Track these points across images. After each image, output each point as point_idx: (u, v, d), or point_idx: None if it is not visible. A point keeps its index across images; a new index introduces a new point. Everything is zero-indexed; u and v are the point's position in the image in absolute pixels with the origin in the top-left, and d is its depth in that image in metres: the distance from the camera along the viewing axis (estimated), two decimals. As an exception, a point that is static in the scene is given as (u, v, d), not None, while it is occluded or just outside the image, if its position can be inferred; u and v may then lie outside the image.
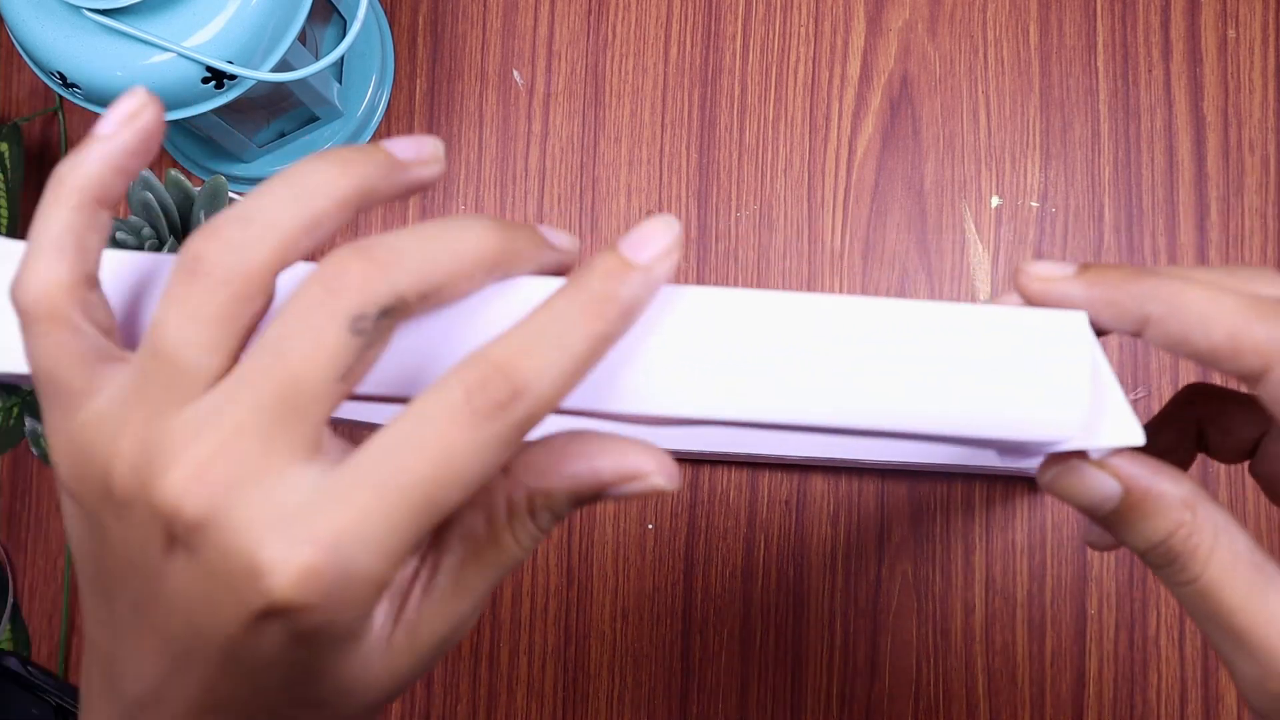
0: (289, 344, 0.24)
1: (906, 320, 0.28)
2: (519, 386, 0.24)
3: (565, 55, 0.64)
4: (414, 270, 0.25)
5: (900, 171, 0.62)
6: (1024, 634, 0.58)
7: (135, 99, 0.28)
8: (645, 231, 0.27)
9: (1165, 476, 0.28)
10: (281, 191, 0.26)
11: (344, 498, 0.24)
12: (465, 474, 0.24)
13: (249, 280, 0.25)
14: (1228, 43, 0.61)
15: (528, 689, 0.60)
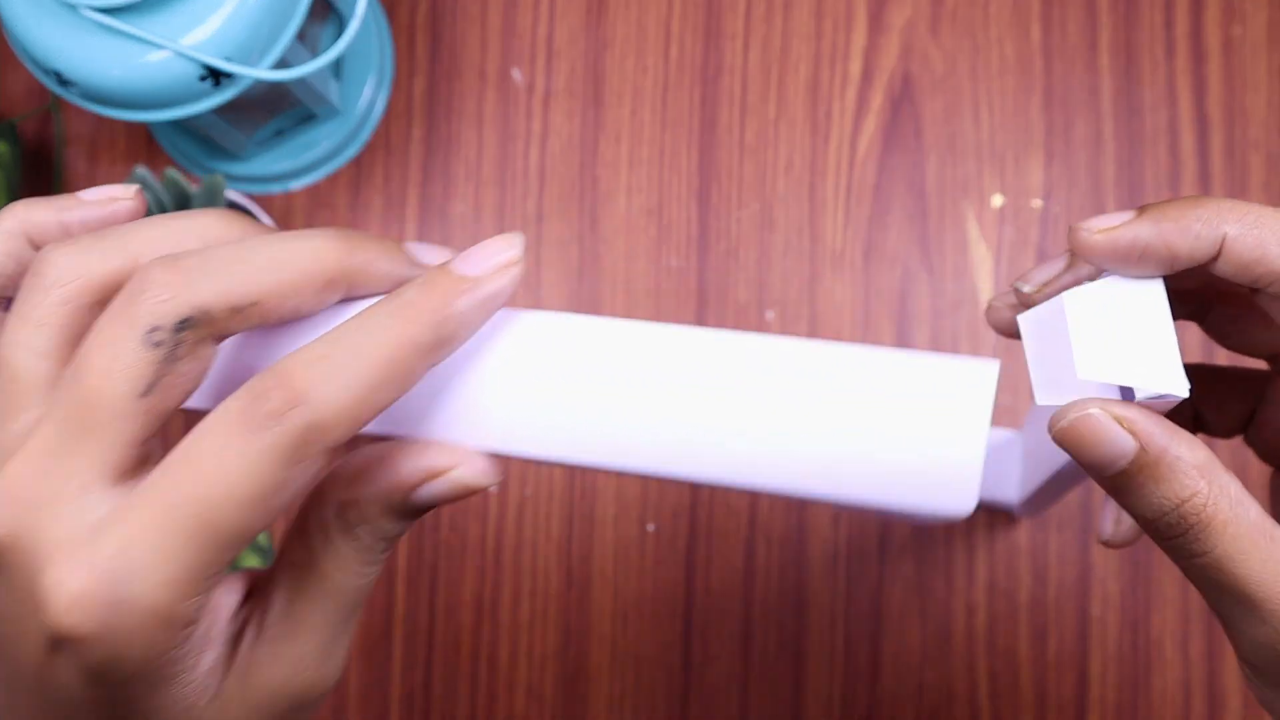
0: (89, 357, 0.23)
1: (784, 361, 0.25)
2: (298, 394, 0.23)
3: (565, 54, 0.64)
4: (223, 282, 0.24)
5: (902, 171, 0.61)
6: (1026, 636, 0.58)
7: (123, 190, 0.28)
8: (482, 246, 0.25)
9: (1182, 438, 0.26)
10: (157, 221, 0.26)
11: (121, 521, 0.23)
12: (240, 490, 0.23)
13: (85, 287, 0.25)
14: (1232, 41, 0.61)
15: (527, 691, 0.59)
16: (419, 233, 0.63)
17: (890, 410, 0.24)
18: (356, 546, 0.26)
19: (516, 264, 0.25)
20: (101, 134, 0.65)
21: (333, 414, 0.23)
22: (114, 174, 0.65)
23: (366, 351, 0.23)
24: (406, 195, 0.63)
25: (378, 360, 0.23)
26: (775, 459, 0.25)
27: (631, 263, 0.62)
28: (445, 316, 0.24)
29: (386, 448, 0.26)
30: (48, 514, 0.23)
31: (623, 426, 0.25)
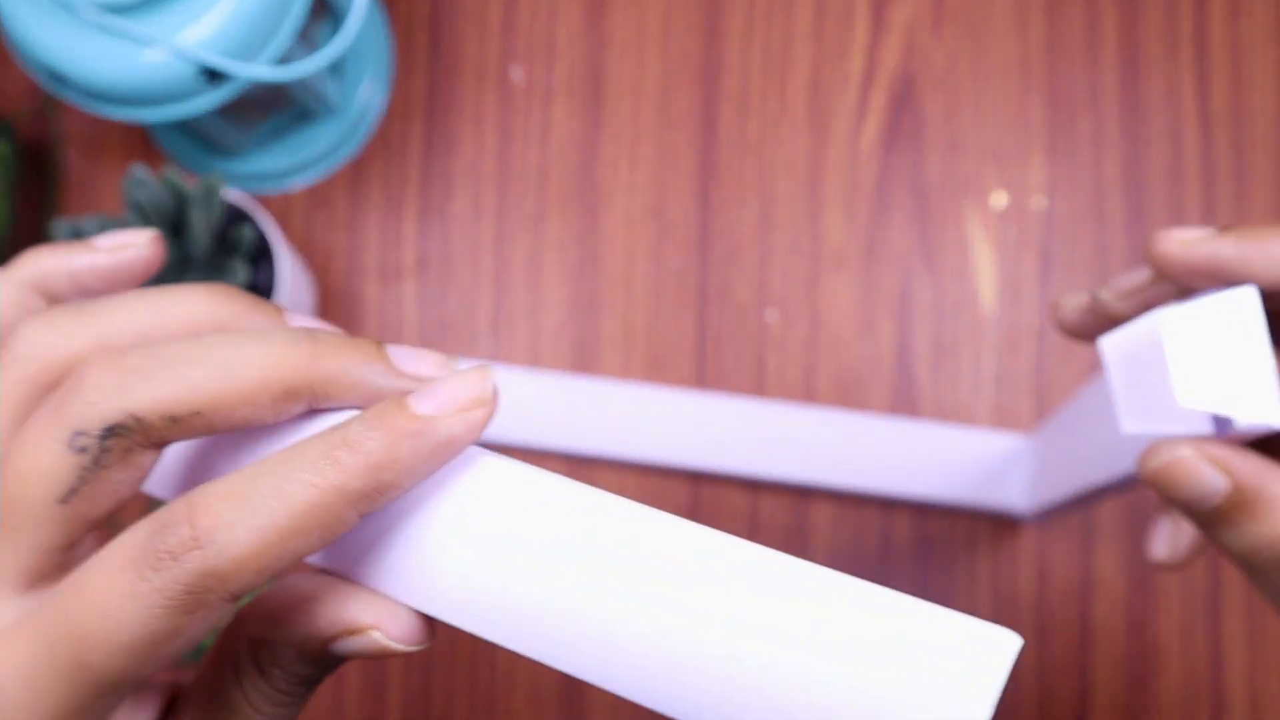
0: (10, 456, 0.22)
1: (783, 584, 0.21)
2: (200, 535, 0.20)
3: (565, 53, 0.63)
4: (162, 389, 0.22)
5: (903, 170, 0.61)
6: (1029, 637, 0.57)
7: (138, 237, 0.27)
8: (450, 381, 0.22)
9: (1277, 475, 0.26)
10: (139, 296, 0.24)
11: (4, 647, 0.21)
12: (123, 634, 0.20)
13: (47, 367, 0.23)
14: (1236, 38, 0.61)
15: (527, 690, 0.59)
16: (417, 232, 0.62)
17: (898, 669, 0.20)
18: (269, 687, 0.24)
19: (485, 405, 0.22)
20: (99, 133, 0.65)
21: (234, 561, 0.20)
22: (111, 172, 0.64)
23: (289, 493, 0.21)
24: (405, 194, 0.63)
25: (299, 505, 0.21)
26: (754, 698, 0.21)
27: (631, 263, 0.61)
28: (387, 462, 0.21)
29: (307, 586, 0.24)
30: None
31: (574, 625, 0.22)
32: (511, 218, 0.62)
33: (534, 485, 0.23)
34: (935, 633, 0.20)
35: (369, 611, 0.23)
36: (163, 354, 0.22)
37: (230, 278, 0.53)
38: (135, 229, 0.28)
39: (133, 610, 0.20)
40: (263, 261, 0.56)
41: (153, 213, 0.52)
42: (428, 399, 0.22)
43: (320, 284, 0.63)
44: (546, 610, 0.22)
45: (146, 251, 0.27)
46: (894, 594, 0.21)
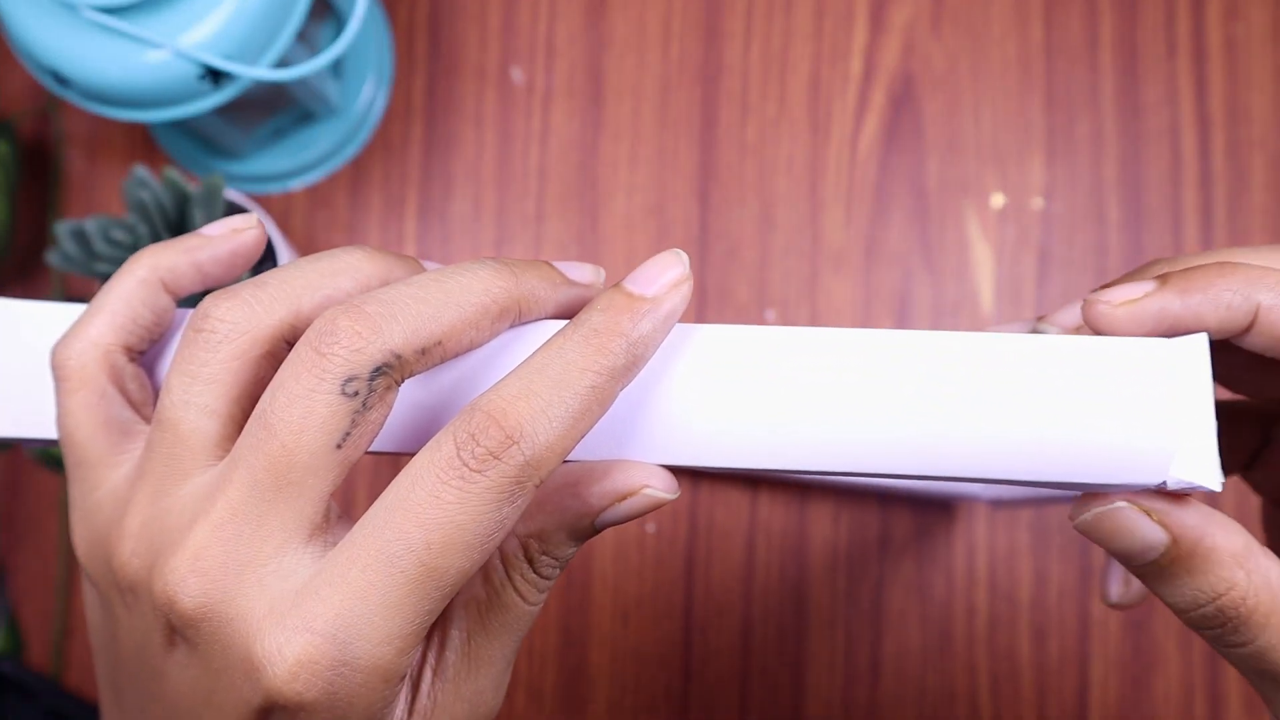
0: (278, 414, 0.23)
1: (989, 356, 0.25)
2: (513, 433, 0.22)
3: (565, 53, 0.63)
4: (409, 325, 0.23)
5: (903, 170, 0.61)
6: (1027, 637, 0.58)
7: (247, 221, 0.28)
8: (651, 265, 0.25)
9: (1218, 526, 0.24)
10: (307, 264, 0.25)
11: (338, 579, 0.22)
12: (463, 535, 0.22)
13: (254, 340, 0.24)
14: (1234, 39, 0.61)
15: (527, 691, 0.59)
16: (418, 232, 0.63)
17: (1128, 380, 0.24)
18: (539, 575, 0.26)
19: (687, 280, 0.25)
20: (100, 133, 0.65)
21: (546, 448, 0.23)
22: (112, 173, 0.65)
23: (570, 382, 0.23)
24: (406, 195, 0.63)
25: (581, 390, 0.23)
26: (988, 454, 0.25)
27: (632, 263, 0.61)
28: (635, 340, 0.24)
29: (566, 474, 0.26)
30: (249, 579, 0.23)
31: (819, 430, 0.26)
32: (511, 218, 0.62)
33: (737, 337, 0.26)
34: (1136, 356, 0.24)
35: (636, 475, 0.25)
36: (397, 298, 0.23)
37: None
38: (243, 215, 0.29)
39: (471, 510, 0.22)
40: (264, 262, 0.57)
41: (154, 213, 0.53)
42: (642, 283, 0.25)
43: (321, 284, 0.63)
44: (792, 424, 0.26)
45: (258, 232, 0.28)
46: (1082, 338, 0.25)
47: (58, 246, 0.53)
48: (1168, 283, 0.26)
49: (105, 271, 0.52)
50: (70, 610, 0.62)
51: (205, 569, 0.23)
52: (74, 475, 0.26)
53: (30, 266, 0.64)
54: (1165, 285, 0.26)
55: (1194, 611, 0.25)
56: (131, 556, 0.24)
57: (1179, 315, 0.25)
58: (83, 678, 0.61)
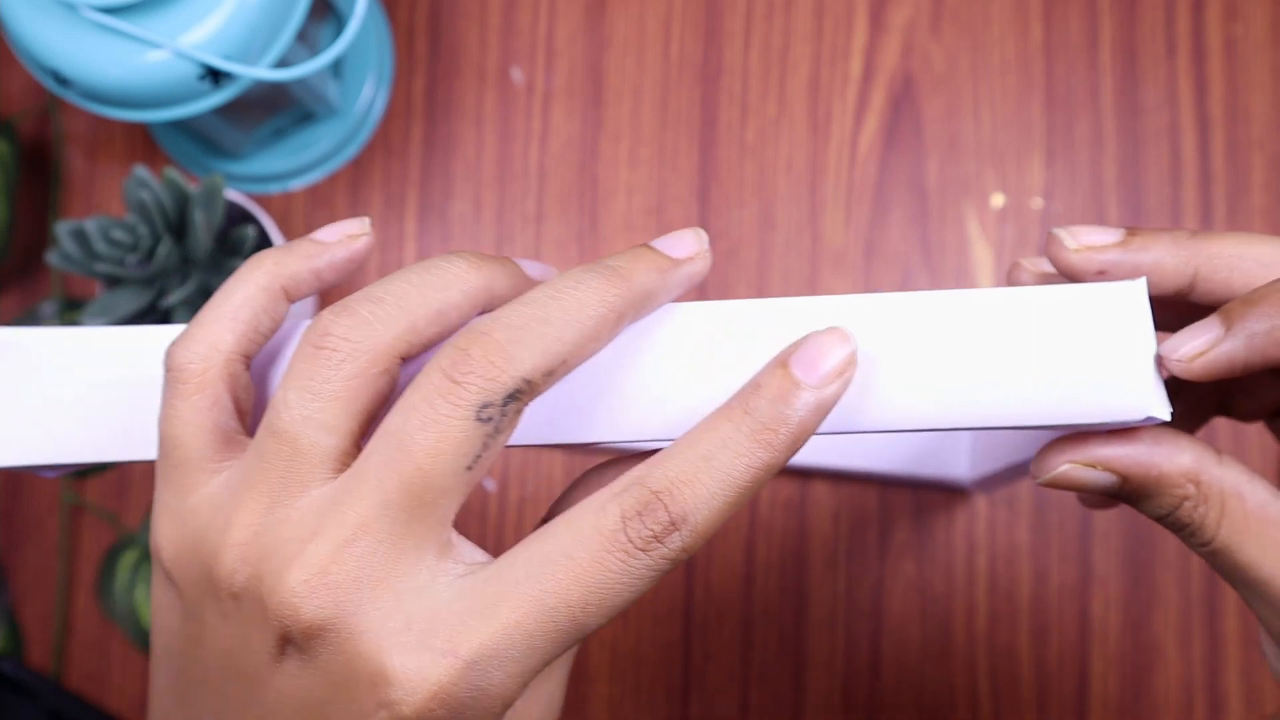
0: (414, 436, 0.23)
1: (957, 311, 0.27)
2: (677, 519, 0.24)
3: (565, 53, 0.63)
4: (538, 349, 0.24)
5: (903, 170, 0.61)
6: (1027, 636, 0.58)
7: (360, 226, 0.29)
8: (818, 347, 0.25)
9: (1163, 450, 0.27)
10: (415, 277, 0.26)
11: (487, 612, 0.23)
12: (613, 603, 0.24)
13: (375, 358, 0.25)
14: (1233, 40, 0.61)
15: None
16: (418, 232, 0.63)
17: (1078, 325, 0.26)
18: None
19: (852, 366, 0.26)
20: (100, 133, 0.65)
21: (702, 535, 0.24)
22: (113, 173, 0.65)
23: (735, 478, 0.24)
24: (406, 195, 0.63)
25: (744, 485, 0.24)
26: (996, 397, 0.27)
27: (632, 262, 0.61)
28: (798, 434, 0.25)
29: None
30: (381, 595, 0.24)
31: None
32: (511, 218, 0.62)
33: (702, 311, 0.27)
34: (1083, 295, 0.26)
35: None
36: (520, 321, 0.24)
37: (232, 278, 0.54)
38: (355, 219, 0.29)
39: (626, 583, 0.24)
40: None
41: (155, 213, 0.53)
42: (810, 368, 0.25)
43: (321, 284, 0.63)
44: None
45: (370, 238, 0.29)
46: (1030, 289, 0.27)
47: (58, 246, 0.53)
48: (1231, 324, 0.26)
49: (105, 272, 0.52)
50: (70, 610, 0.62)
51: (335, 582, 0.23)
52: (169, 477, 0.26)
53: (30, 266, 0.64)
54: (1230, 329, 0.27)
55: (1162, 522, 0.28)
56: (240, 564, 0.24)
57: (1248, 359, 0.27)
58: (83, 678, 0.61)
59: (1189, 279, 0.28)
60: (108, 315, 0.52)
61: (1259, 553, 0.27)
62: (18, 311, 0.64)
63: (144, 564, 0.61)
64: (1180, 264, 0.28)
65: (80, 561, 0.62)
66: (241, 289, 0.27)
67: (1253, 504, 0.27)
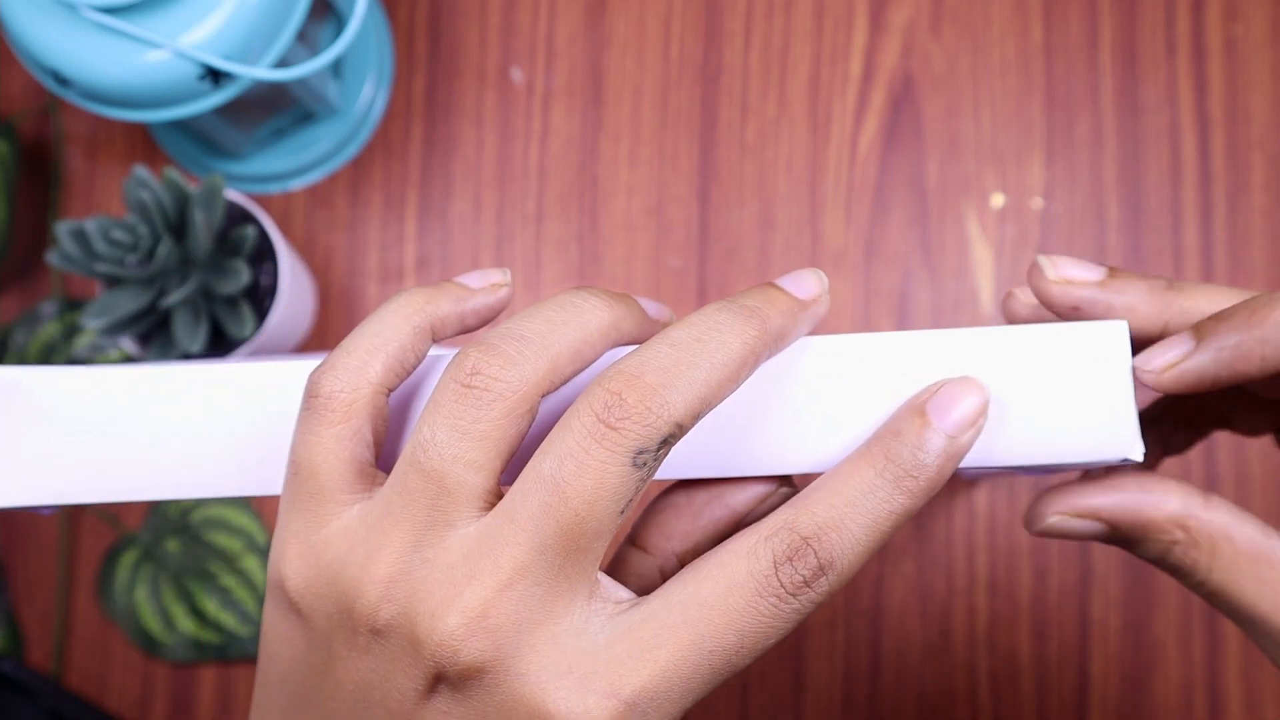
0: (571, 483, 0.24)
1: (939, 351, 0.27)
2: (826, 565, 0.25)
3: (565, 53, 0.63)
4: (689, 394, 0.24)
5: (903, 170, 0.61)
6: (1027, 636, 0.58)
7: (503, 275, 0.29)
8: (953, 395, 0.26)
9: (1151, 497, 0.28)
10: (553, 315, 0.26)
11: (645, 656, 0.24)
12: (763, 644, 0.25)
13: (523, 397, 0.25)
14: (1233, 40, 0.61)
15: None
16: (418, 232, 0.63)
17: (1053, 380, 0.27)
18: None
19: (983, 416, 0.26)
20: (100, 133, 0.65)
21: (846, 580, 0.25)
22: (113, 173, 0.65)
23: (879, 524, 0.25)
24: (406, 195, 0.63)
25: (886, 530, 0.25)
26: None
27: (631, 263, 0.61)
28: (936, 481, 0.26)
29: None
30: (540, 637, 0.24)
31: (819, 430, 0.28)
32: (511, 218, 0.62)
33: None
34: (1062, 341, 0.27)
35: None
36: (667, 365, 0.25)
37: (232, 279, 0.54)
38: (495, 268, 0.29)
39: (777, 626, 0.25)
40: (264, 262, 0.57)
41: (155, 213, 0.53)
42: (944, 415, 0.26)
43: (321, 284, 0.63)
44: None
45: (510, 288, 0.29)
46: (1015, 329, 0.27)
47: (58, 246, 0.53)
48: (1202, 340, 0.27)
49: (105, 271, 0.52)
50: (70, 610, 0.62)
51: (494, 626, 0.24)
52: (302, 505, 0.26)
53: (30, 266, 0.64)
54: (1200, 343, 0.27)
55: (1157, 564, 0.28)
56: (384, 602, 0.25)
57: (1217, 375, 0.27)
58: (83, 678, 0.61)
59: (1160, 328, 0.29)
60: (108, 315, 0.52)
61: (1254, 589, 0.27)
62: (18, 311, 0.64)
63: (143, 564, 0.61)
64: (1153, 314, 0.28)
65: (80, 561, 0.62)
66: (393, 326, 0.27)
67: (1242, 543, 0.27)
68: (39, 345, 0.63)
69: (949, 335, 0.27)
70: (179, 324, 0.54)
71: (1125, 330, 0.27)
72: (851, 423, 0.27)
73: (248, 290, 0.56)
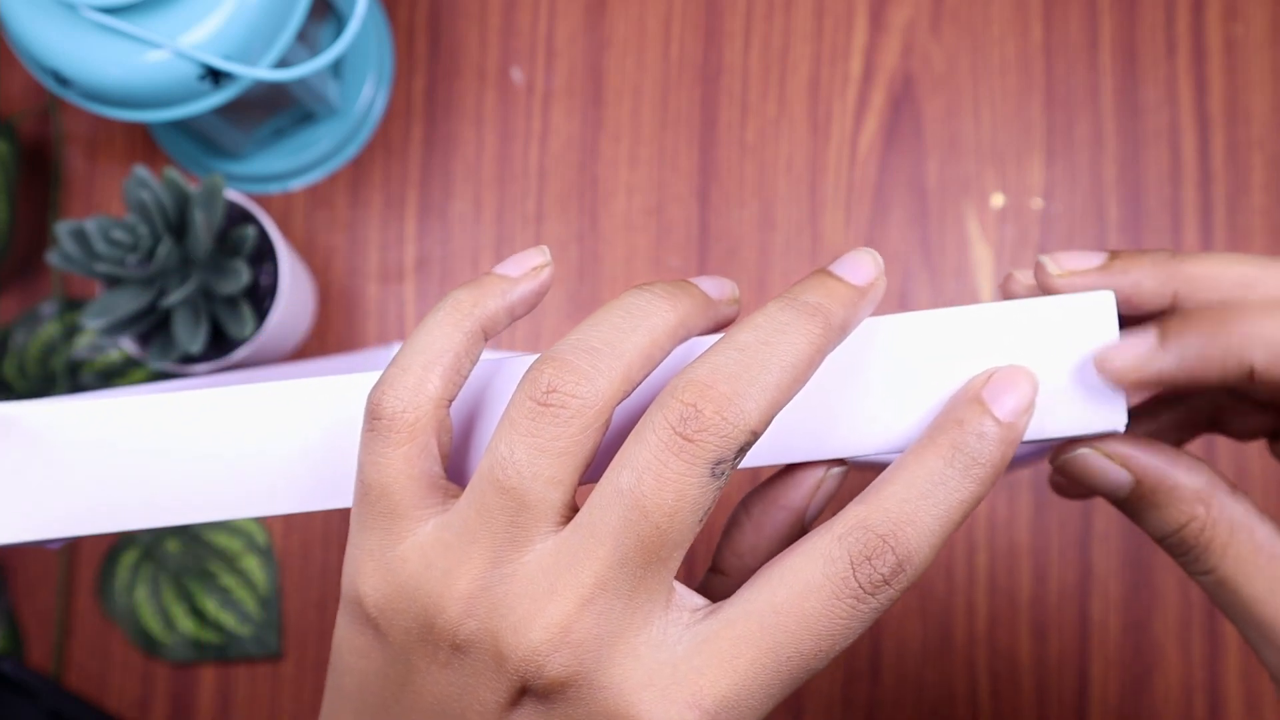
0: (651, 496, 0.24)
1: (929, 329, 0.27)
2: (904, 561, 0.24)
3: (565, 53, 0.63)
4: (762, 401, 0.24)
5: (903, 170, 0.61)
6: (1027, 637, 0.58)
7: (542, 255, 0.29)
8: (1007, 383, 0.26)
9: (1181, 467, 0.28)
10: (620, 321, 0.26)
11: (725, 665, 0.24)
12: (840, 647, 0.25)
13: (600, 411, 0.25)
14: (1233, 40, 0.61)
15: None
16: (418, 232, 0.63)
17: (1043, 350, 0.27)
18: None
19: (1032, 406, 0.27)
20: (100, 133, 0.65)
21: (920, 574, 0.25)
22: (113, 173, 0.65)
23: (950, 514, 0.25)
24: (405, 195, 0.63)
25: (957, 519, 0.25)
26: None
27: (631, 263, 0.61)
28: (998, 468, 0.26)
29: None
30: (621, 650, 0.24)
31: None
32: (511, 218, 0.62)
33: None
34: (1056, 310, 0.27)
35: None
36: (738, 372, 0.24)
37: (232, 279, 0.54)
38: (533, 249, 0.29)
39: (855, 627, 0.25)
40: (264, 262, 0.57)
41: (155, 213, 0.53)
42: (1001, 402, 0.26)
43: (321, 284, 0.63)
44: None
45: (552, 266, 0.29)
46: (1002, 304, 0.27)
47: (58, 246, 0.53)
48: (1166, 339, 0.27)
49: (105, 271, 0.52)
50: (70, 610, 0.62)
51: (577, 640, 0.24)
52: (376, 524, 0.26)
53: (30, 266, 0.64)
54: (1164, 342, 0.27)
55: (1164, 539, 0.28)
56: (466, 618, 0.25)
57: (1175, 376, 0.27)
58: (83, 678, 0.61)
59: (1169, 300, 0.28)
60: (108, 315, 0.52)
61: (1265, 590, 0.27)
62: (18, 311, 0.64)
63: (144, 564, 0.61)
64: (1159, 285, 0.28)
65: (80, 561, 0.62)
66: (442, 332, 0.27)
67: (1262, 539, 0.27)
68: (39, 345, 0.63)
69: (939, 315, 0.28)
70: (179, 324, 0.54)
71: (1111, 301, 0.27)
72: (897, 401, 0.27)
73: (248, 290, 0.56)
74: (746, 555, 0.28)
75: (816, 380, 0.27)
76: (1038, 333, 0.27)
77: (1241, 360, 0.26)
